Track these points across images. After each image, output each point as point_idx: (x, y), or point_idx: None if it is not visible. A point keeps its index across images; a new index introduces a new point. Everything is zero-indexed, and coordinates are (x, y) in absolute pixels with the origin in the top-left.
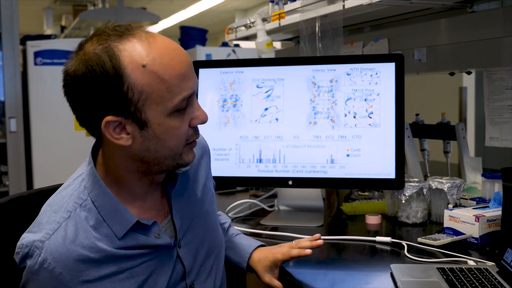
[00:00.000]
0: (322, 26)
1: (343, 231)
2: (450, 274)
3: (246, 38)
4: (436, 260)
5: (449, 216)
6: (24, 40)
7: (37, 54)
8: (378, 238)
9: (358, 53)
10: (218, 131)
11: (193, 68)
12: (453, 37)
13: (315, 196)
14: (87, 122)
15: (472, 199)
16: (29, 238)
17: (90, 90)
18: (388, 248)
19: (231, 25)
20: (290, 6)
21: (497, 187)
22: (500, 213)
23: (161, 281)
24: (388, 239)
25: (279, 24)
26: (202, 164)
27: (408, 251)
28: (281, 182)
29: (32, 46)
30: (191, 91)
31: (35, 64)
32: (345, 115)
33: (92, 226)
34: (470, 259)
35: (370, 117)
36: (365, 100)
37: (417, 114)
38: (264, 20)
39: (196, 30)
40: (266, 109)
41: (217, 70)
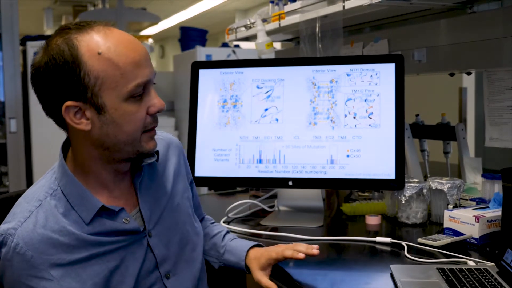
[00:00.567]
0: (322, 27)
1: (343, 232)
2: (450, 275)
3: (246, 39)
4: (436, 261)
5: (449, 217)
6: (24, 41)
7: None
8: (378, 239)
9: (358, 54)
10: (218, 132)
11: (150, 59)
12: (453, 38)
13: (315, 197)
14: (51, 110)
15: (472, 200)
16: (3, 227)
17: (51, 78)
18: (388, 249)
19: (231, 26)
20: (290, 7)
21: (497, 188)
22: (500, 214)
23: (133, 269)
24: (388, 240)
25: (279, 25)
26: (172, 160)
27: (408, 252)
28: (281, 183)
29: (32, 47)
30: (146, 79)
31: None
32: (345, 116)
33: (62, 213)
34: (470, 260)
35: (370, 118)
36: (365, 101)
37: (417, 115)
38: (264, 21)
39: (196, 31)
40: (266, 110)
41: (217, 71)
